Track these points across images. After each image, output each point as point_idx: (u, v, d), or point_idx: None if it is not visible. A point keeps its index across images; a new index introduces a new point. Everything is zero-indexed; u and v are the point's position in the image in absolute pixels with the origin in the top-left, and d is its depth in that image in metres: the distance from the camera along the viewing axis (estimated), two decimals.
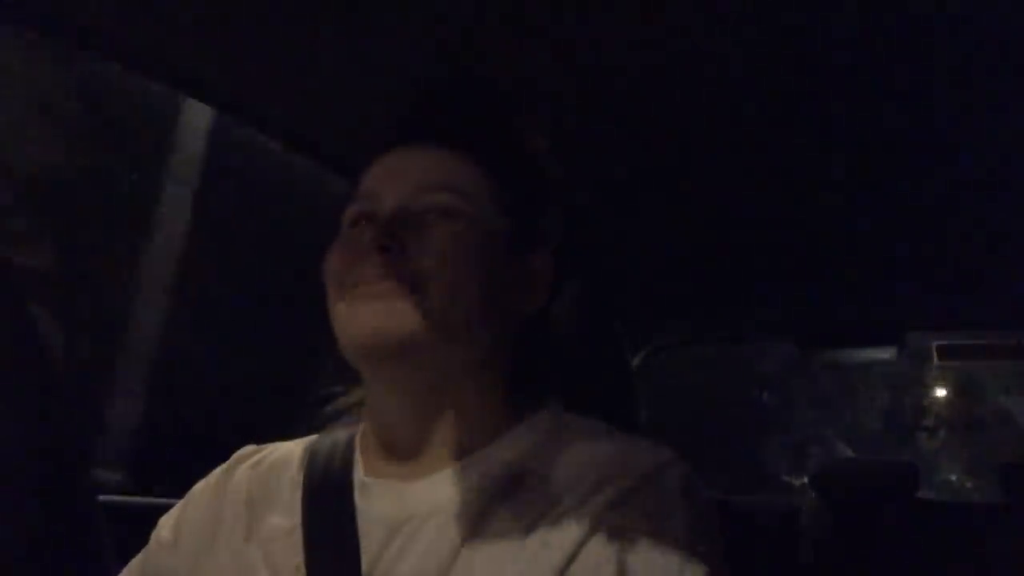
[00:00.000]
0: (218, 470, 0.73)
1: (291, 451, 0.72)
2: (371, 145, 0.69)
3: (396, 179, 0.65)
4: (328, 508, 0.63)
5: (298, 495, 0.65)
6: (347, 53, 0.95)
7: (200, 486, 0.72)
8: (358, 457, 0.67)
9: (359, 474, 0.65)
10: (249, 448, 0.74)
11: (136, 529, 0.73)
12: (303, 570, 0.60)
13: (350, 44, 0.93)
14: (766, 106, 1.08)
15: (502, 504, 0.59)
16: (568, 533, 0.56)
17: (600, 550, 0.55)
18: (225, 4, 0.86)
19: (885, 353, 2.02)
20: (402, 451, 0.65)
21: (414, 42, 0.91)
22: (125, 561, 0.72)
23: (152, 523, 0.72)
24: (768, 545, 2.10)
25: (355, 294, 0.61)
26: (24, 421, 0.69)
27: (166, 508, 0.73)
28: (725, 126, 1.13)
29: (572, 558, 0.54)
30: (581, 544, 0.55)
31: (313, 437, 0.72)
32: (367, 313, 0.60)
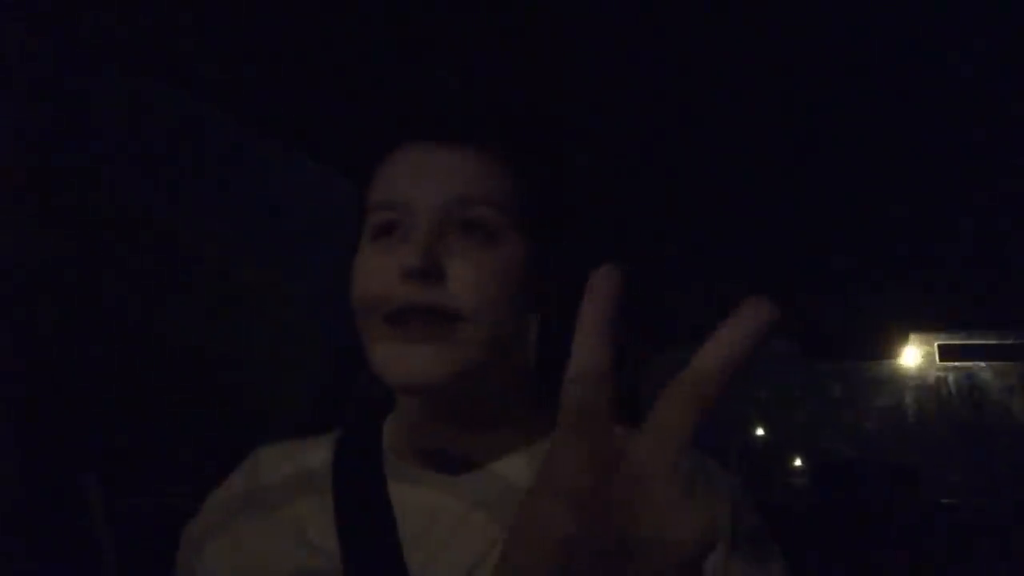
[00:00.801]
0: (239, 470, 0.71)
1: (316, 444, 0.70)
2: (374, 145, 0.67)
3: (429, 185, 0.59)
4: (361, 495, 0.62)
5: (329, 486, 0.64)
6: (350, 53, 0.94)
7: (223, 488, 0.71)
8: (387, 447, 0.66)
9: (392, 463, 0.64)
10: (267, 446, 0.73)
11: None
12: (338, 556, 0.58)
13: (352, 44, 0.93)
14: (767, 108, 1.08)
15: None
16: None
17: None
18: (225, 4, 0.86)
19: (888, 353, 2.02)
20: (436, 450, 0.64)
21: (416, 42, 0.91)
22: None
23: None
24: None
25: (395, 333, 0.57)
26: (23, 421, 0.69)
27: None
28: (728, 127, 1.13)
29: None
30: None
31: (336, 431, 0.71)
32: (409, 357, 0.57)
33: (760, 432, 8.30)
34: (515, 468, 0.61)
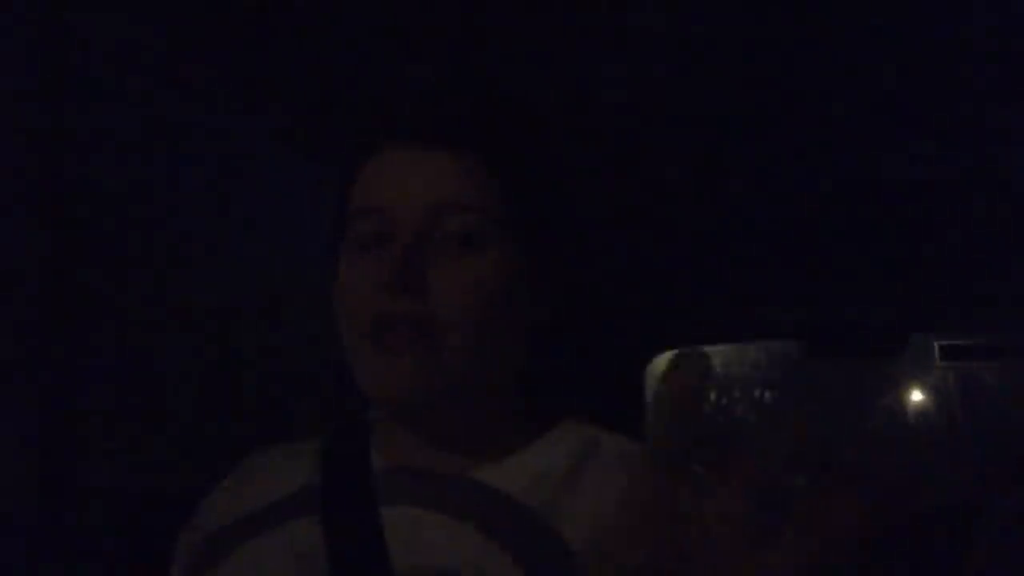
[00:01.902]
0: (231, 476, 0.71)
1: (306, 450, 0.69)
2: (356, 147, 0.64)
3: (409, 192, 0.58)
4: (349, 502, 0.62)
5: (317, 495, 0.63)
6: (347, 52, 0.94)
7: (214, 495, 0.70)
8: (375, 452, 0.65)
9: (376, 471, 0.64)
10: (258, 451, 0.72)
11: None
12: (326, 562, 0.58)
13: (349, 43, 0.93)
14: (766, 106, 1.07)
15: (538, 508, 0.58)
16: None
17: None
18: (225, 4, 0.86)
19: (888, 353, 2.02)
20: (420, 459, 0.63)
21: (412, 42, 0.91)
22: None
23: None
24: None
25: (376, 346, 0.57)
26: (22, 419, 0.69)
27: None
28: (720, 125, 1.13)
29: None
30: None
31: (324, 435, 0.71)
32: (393, 369, 0.57)
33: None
34: (499, 476, 0.61)
